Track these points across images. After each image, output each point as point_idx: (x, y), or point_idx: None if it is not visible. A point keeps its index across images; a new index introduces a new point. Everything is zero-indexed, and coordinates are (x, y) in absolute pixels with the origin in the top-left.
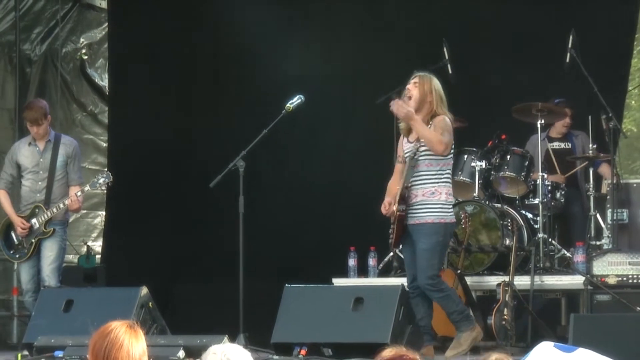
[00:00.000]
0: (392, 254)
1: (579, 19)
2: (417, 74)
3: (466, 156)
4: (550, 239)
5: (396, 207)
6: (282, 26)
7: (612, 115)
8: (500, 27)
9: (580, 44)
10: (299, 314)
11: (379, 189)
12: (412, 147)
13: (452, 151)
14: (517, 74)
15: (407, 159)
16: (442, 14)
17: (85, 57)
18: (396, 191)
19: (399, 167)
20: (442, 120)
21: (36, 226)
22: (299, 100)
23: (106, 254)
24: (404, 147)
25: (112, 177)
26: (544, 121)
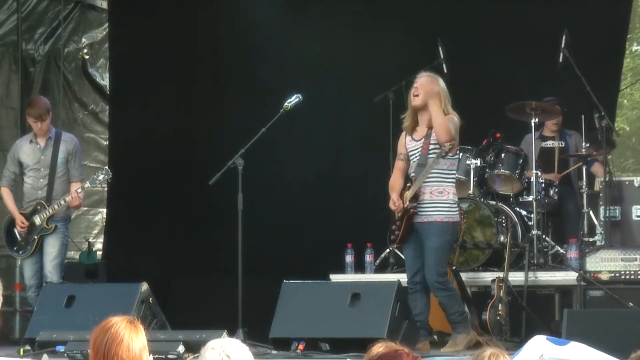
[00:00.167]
0: (388, 251)
1: (572, 19)
2: (424, 74)
3: (461, 154)
4: (544, 236)
5: (408, 204)
6: (281, 26)
7: (604, 114)
8: (494, 27)
9: (573, 43)
10: (296, 309)
11: (376, 187)
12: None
13: (458, 152)
14: (511, 73)
15: (418, 158)
16: (438, 14)
17: (86, 56)
18: (400, 187)
19: (400, 165)
20: (451, 119)
21: (38, 223)
22: (297, 99)
23: (107, 251)
24: (408, 145)
25: (112, 174)
26: (537, 120)
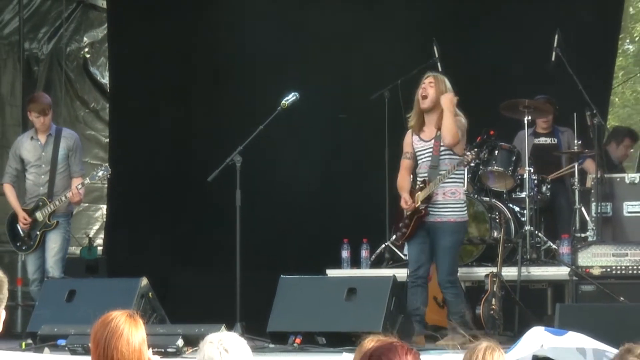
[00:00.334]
0: (383, 246)
1: (565, 18)
2: (431, 74)
3: None
4: (536, 232)
5: (420, 205)
6: (279, 25)
7: (596, 111)
8: (488, 26)
9: (565, 42)
10: (293, 304)
11: (371, 184)
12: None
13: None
14: (504, 71)
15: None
16: (433, 13)
17: (88, 55)
18: (408, 186)
19: (407, 163)
20: (459, 120)
21: (40, 219)
22: (294, 97)
23: (107, 246)
24: (415, 144)
25: (112, 171)
26: (530, 117)
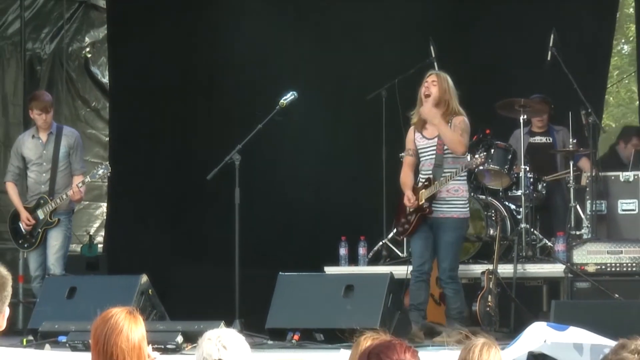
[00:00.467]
0: (381, 244)
1: (560, 18)
2: (433, 73)
3: None
4: (532, 229)
5: (423, 203)
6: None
7: (591, 111)
8: (484, 26)
9: (561, 42)
10: (292, 300)
11: (369, 182)
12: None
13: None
14: (501, 71)
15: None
16: (430, 13)
17: (89, 55)
18: (411, 183)
19: (410, 160)
20: (462, 121)
21: (42, 217)
22: (292, 96)
23: (108, 243)
24: (418, 142)
25: (112, 169)
26: (526, 116)
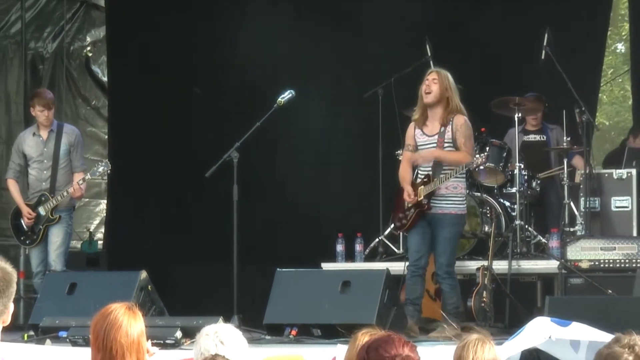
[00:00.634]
0: (377, 240)
1: (555, 17)
2: (434, 70)
3: None
4: (526, 226)
5: (422, 199)
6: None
7: (585, 109)
8: (480, 25)
9: (555, 41)
10: (289, 296)
11: (366, 179)
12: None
13: None
14: (495, 69)
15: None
16: (426, 12)
17: (90, 54)
18: (410, 178)
19: (408, 155)
20: (465, 124)
21: (43, 213)
22: (290, 94)
23: (108, 240)
24: (418, 138)
25: (112, 166)
26: (520, 115)
